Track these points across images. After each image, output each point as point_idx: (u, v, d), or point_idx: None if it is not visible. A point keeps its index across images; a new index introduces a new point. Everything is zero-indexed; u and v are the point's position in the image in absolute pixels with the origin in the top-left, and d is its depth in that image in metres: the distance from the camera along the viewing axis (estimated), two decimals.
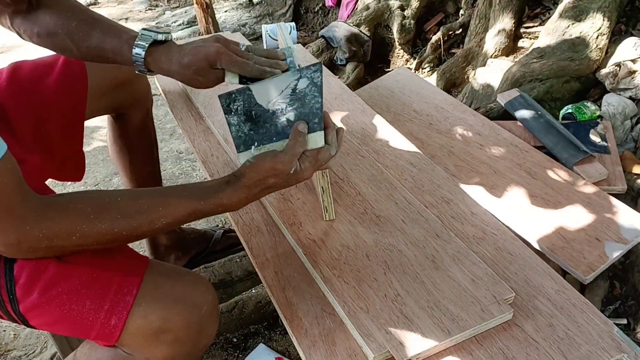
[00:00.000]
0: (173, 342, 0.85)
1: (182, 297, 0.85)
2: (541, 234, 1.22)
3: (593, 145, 1.61)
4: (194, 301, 0.86)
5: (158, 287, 0.85)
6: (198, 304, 0.86)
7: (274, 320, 1.51)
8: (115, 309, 0.81)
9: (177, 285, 0.87)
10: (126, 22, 4.08)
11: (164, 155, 2.40)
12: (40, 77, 1.13)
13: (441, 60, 2.81)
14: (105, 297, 0.81)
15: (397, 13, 2.95)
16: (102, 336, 0.83)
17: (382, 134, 1.34)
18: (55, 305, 0.81)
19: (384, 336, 0.82)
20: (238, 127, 0.83)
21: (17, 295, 0.81)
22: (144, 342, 0.84)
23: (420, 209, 1.07)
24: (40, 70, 1.14)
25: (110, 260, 0.85)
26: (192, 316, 0.85)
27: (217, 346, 1.46)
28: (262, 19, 3.84)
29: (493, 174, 1.39)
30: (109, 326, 0.82)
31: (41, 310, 0.82)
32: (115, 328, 0.82)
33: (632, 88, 1.87)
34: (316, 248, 0.99)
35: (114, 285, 0.82)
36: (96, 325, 0.82)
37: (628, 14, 2.17)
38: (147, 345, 0.85)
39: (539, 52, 2.06)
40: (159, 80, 1.61)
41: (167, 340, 0.85)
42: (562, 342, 0.84)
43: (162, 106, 2.77)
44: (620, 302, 1.44)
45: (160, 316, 0.83)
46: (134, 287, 0.82)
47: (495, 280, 0.91)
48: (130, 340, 0.84)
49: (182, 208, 0.82)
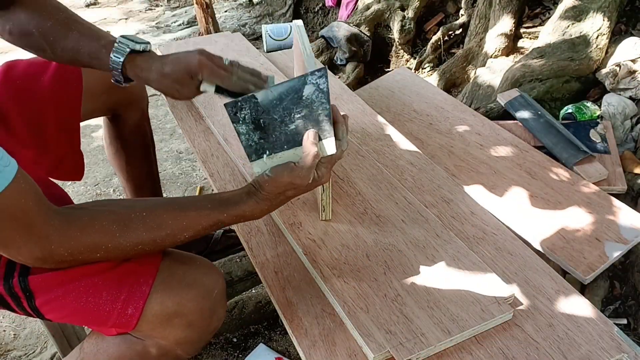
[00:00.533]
0: (186, 326, 0.87)
1: (195, 283, 0.87)
2: (541, 234, 1.22)
3: (593, 145, 1.61)
4: (206, 286, 0.88)
5: (173, 273, 0.86)
6: (210, 288, 0.88)
7: (274, 320, 1.51)
8: (132, 299, 0.83)
9: (190, 271, 0.88)
10: (126, 22, 4.08)
11: (164, 155, 2.40)
12: (34, 76, 1.13)
13: (441, 60, 2.81)
14: (123, 287, 0.83)
15: (397, 13, 2.95)
16: (119, 325, 0.85)
17: (382, 134, 1.34)
18: (71, 298, 0.82)
19: (384, 336, 0.82)
20: (247, 136, 0.82)
21: (33, 291, 0.82)
22: (158, 326, 0.86)
23: (420, 209, 1.07)
24: (35, 68, 1.14)
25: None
26: (205, 301, 0.87)
27: (217, 346, 1.46)
28: (262, 19, 3.84)
29: (493, 174, 1.39)
30: (126, 315, 0.83)
31: (57, 303, 0.83)
32: (132, 317, 0.83)
33: (632, 88, 1.87)
34: (316, 248, 0.99)
35: (131, 275, 0.84)
36: (113, 315, 0.83)
37: (628, 14, 2.17)
38: (161, 329, 0.87)
39: (539, 52, 2.06)
40: None
41: (180, 324, 0.86)
42: (562, 342, 0.84)
43: (162, 106, 2.77)
44: (620, 302, 1.44)
45: (175, 302, 0.84)
46: (150, 277, 0.84)
47: (496, 280, 0.91)
48: (146, 326, 0.86)
49: (205, 220, 0.82)
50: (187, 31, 3.77)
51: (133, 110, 1.39)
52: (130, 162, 1.47)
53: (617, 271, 1.48)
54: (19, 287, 0.82)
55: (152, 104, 2.84)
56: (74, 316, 0.86)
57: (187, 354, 0.92)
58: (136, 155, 1.47)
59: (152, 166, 1.52)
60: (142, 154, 1.48)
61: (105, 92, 1.26)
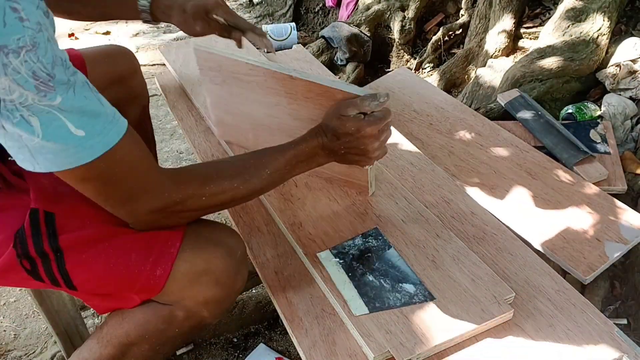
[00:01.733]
0: (214, 284, 0.88)
1: (220, 242, 0.90)
2: (541, 234, 1.22)
3: (593, 145, 1.61)
4: (230, 246, 0.90)
5: (199, 233, 0.89)
6: (234, 248, 0.91)
7: (274, 320, 1.51)
8: (160, 261, 0.84)
9: (215, 231, 0.91)
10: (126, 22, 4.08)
11: (164, 155, 2.41)
12: None
13: (441, 61, 2.81)
14: (151, 250, 0.84)
15: (398, 13, 2.95)
16: (147, 287, 0.86)
17: None
18: (102, 259, 0.84)
19: (384, 336, 0.82)
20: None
21: (63, 250, 0.83)
22: (187, 285, 0.87)
23: (421, 209, 1.07)
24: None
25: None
26: (230, 259, 0.89)
27: (217, 346, 1.46)
28: (262, 19, 3.84)
29: (493, 174, 1.39)
30: (155, 277, 0.84)
31: (87, 265, 0.84)
32: (160, 278, 0.84)
33: (632, 88, 1.87)
34: (316, 248, 0.99)
35: (159, 237, 0.85)
36: (142, 277, 0.84)
37: (628, 14, 2.17)
38: (189, 288, 0.87)
39: (539, 52, 2.06)
40: (159, 80, 1.61)
41: (208, 282, 0.87)
42: (562, 342, 0.84)
43: (162, 106, 2.77)
44: (620, 302, 1.44)
45: (204, 259, 0.86)
46: (177, 240, 0.86)
47: (496, 280, 0.91)
48: (175, 286, 0.86)
49: (281, 156, 0.90)
50: None
51: (134, 107, 1.39)
52: None
53: (617, 271, 1.48)
54: (50, 247, 0.83)
55: (152, 104, 2.84)
56: (103, 280, 0.86)
57: (212, 316, 0.93)
58: None
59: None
60: None
61: (107, 88, 1.26)
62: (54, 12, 1.06)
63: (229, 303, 0.96)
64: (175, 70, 1.59)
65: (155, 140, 1.52)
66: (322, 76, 0.93)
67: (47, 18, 0.65)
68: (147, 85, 1.42)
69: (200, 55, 1.10)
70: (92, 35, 3.75)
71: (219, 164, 0.91)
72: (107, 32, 3.79)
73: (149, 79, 1.39)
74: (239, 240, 0.93)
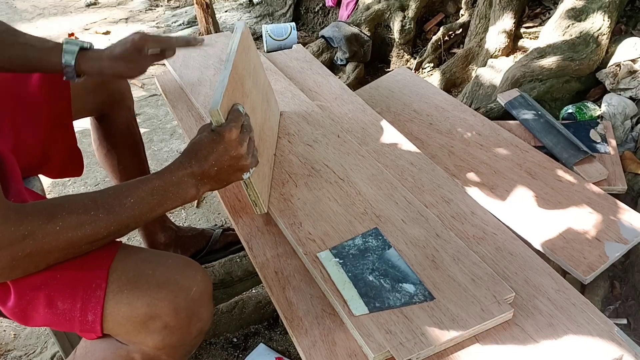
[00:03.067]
0: (163, 329, 0.83)
1: (166, 281, 0.83)
2: (541, 234, 1.22)
3: (593, 145, 1.60)
4: (180, 284, 0.84)
5: (138, 273, 0.83)
6: (185, 286, 0.84)
7: (274, 320, 1.51)
8: (88, 305, 0.81)
9: (159, 269, 0.84)
10: (126, 22, 4.08)
11: (164, 155, 2.40)
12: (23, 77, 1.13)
13: (441, 61, 2.81)
14: (76, 295, 0.81)
15: (397, 13, 2.95)
16: (87, 331, 0.84)
17: (382, 134, 1.34)
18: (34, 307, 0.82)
19: (384, 336, 0.82)
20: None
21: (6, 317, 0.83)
22: (133, 330, 0.84)
23: (421, 209, 1.07)
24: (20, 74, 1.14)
25: (71, 259, 0.83)
26: (180, 300, 0.83)
27: (217, 346, 1.46)
28: (262, 19, 3.84)
29: (493, 174, 1.39)
30: (88, 322, 0.82)
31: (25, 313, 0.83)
32: (94, 323, 0.82)
33: (632, 88, 1.87)
34: (316, 248, 0.99)
35: (81, 281, 0.82)
36: (76, 323, 0.82)
37: (628, 14, 2.17)
38: (137, 333, 0.84)
39: (539, 52, 2.06)
40: (159, 80, 1.61)
41: (156, 328, 0.83)
42: (562, 342, 0.84)
43: (162, 106, 2.77)
44: (620, 302, 1.44)
45: (144, 302, 0.81)
46: (102, 280, 0.81)
47: (495, 280, 0.91)
48: (120, 330, 0.84)
49: (143, 185, 0.83)
50: (187, 31, 3.77)
51: (120, 109, 1.39)
52: (122, 161, 1.46)
53: (617, 271, 1.48)
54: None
55: (152, 104, 2.84)
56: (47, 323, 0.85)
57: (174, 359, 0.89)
58: (127, 155, 1.46)
59: (144, 165, 1.52)
60: (133, 153, 1.48)
61: (92, 92, 1.27)
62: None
63: (190, 346, 0.90)
64: (175, 70, 1.59)
65: (143, 142, 1.51)
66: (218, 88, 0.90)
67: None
68: (147, 85, 1.42)
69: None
70: (92, 35, 3.75)
71: (73, 196, 0.81)
72: (107, 32, 3.79)
73: (149, 79, 1.39)
74: (193, 275, 0.86)
